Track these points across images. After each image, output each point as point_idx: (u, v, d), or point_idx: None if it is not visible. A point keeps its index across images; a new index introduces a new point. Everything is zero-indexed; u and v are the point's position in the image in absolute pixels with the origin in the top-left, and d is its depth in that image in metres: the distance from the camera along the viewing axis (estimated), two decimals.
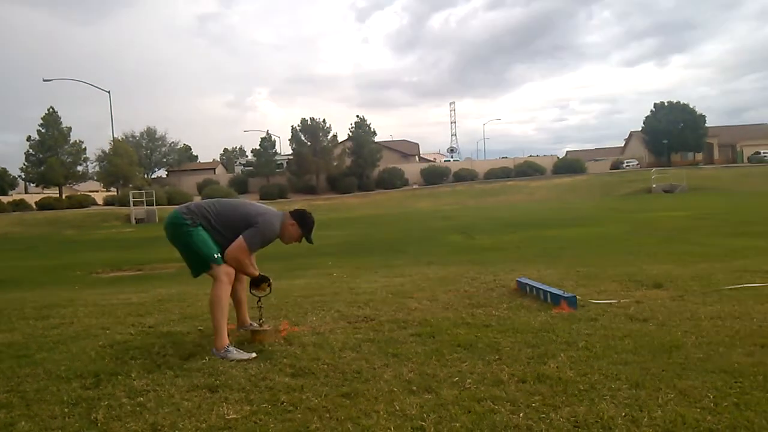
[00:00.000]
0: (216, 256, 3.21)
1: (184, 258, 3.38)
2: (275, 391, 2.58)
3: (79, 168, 43.50)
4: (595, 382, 2.49)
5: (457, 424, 2.13)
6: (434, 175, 49.32)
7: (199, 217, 3.30)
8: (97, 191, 49.13)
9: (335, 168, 48.81)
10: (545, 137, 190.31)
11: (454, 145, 77.91)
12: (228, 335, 3.23)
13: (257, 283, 3.50)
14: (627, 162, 53.11)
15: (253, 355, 3.10)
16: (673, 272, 5.48)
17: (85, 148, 43.61)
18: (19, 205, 36.40)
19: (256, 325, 3.68)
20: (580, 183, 41.18)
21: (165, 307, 4.77)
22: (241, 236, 3.25)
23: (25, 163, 42.46)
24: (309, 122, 49.29)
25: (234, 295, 3.55)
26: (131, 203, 31.76)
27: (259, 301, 3.52)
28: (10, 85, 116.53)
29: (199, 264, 3.28)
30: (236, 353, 3.10)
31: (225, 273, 3.20)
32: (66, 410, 2.44)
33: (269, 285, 3.53)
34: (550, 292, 4.17)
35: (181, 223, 3.29)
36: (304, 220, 3.44)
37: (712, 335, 3.16)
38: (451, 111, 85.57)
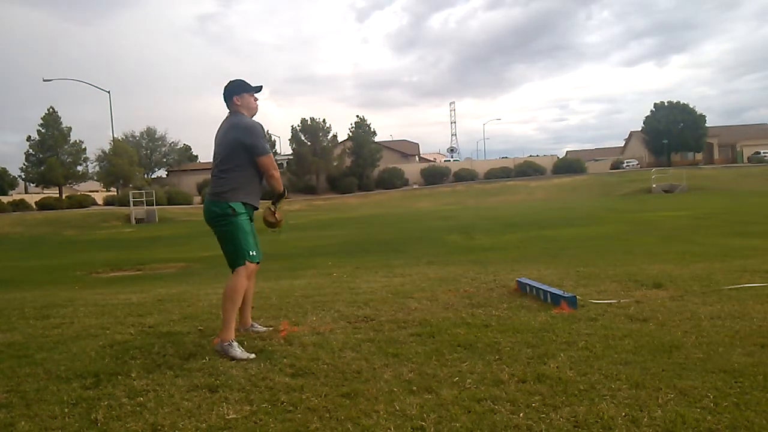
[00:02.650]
0: (251, 253, 3.27)
1: (222, 249, 3.39)
2: (275, 391, 2.58)
3: (79, 168, 43.49)
4: (595, 382, 2.49)
5: (457, 424, 2.13)
6: (434, 175, 49.33)
7: (232, 186, 3.27)
8: (97, 191, 49.13)
9: (335, 168, 48.82)
10: (545, 137, 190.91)
11: (454, 145, 77.93)
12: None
13: (278, 198, 3.50)
14: (627, 162, 53.14)
15: (252, 355, 3.11)
16: (673, 272, 5.48)
17: (85, 148, 43.66)
18: (19, 205, 36.39)
19: (258, 326, 3.69)
20: (580, 183, 41.18)
21: (165, 307, 4.77)
22: (257, 158, 3.27)
23: (25, 163, 42.47)
24: (309, 122, 49.30)
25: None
26: (131, 203, 31.75)
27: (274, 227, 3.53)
28: (10, 85, 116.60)
29: (234, 259, 3.30)
30: (238, 350, 3.10)
31: (244, 270, 3.25)
32: (66, 410, 2.44)
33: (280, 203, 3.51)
34: (550, 292, 4.17)
35: (224, 214, 3.27)
36: (238, 86, 3.41)
37: (712, 335, 3.16)
38: (451, 111, 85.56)
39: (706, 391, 2.35)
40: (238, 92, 3.40)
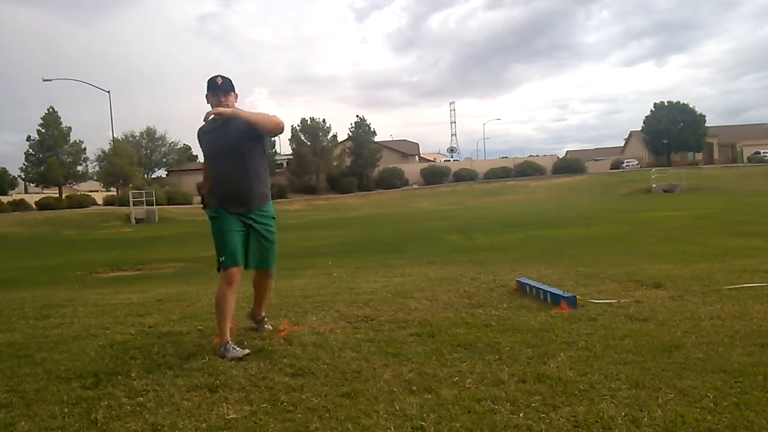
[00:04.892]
0: (220, 259, 3.23)
1: None
2: (275, 391, 2.58)
3: (79, 168, 43.47)
4: (595, 382, 2.49)
5: (457, 424, 2.13)
6: (434, 175, 49.34)
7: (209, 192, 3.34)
8: (97, 191, 49.11)
9: (335, 168, 48.84)
10: (545, 137, 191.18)
11: (454, 145, 77.83)
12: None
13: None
14: (627, 162, 53.12)
15: (247, 351, 3.10)
16: (673, 272, 5.48)
17: (85, 148, 43.62)
18: (19, 205, 36.37)
19: (267, 325, 3.71)
20: (580, 183, 41.19)
21: (165, 307, 4.77)
22: None
23: (25, 163, 42.45)
24: (309, 122, 49.32)
25: (255, 287, 3.62)
26: (131, 203, 31.75)
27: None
28: (10, 85, 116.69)
29: None
30: (232, 351, 3.10)
31: (223, 276, 3.22)
32: (66, 410, 2.44)
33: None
34: (550, 292, 4.17)
35: (209, 217, 3.34)
36: (207, 86, 3.29)
37: (712, 335, 3.16)
38: (450, 111, 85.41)
39: (706, 391, 2.35)
40: (207, 91, 3.31)
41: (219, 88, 3.24)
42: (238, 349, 3.12)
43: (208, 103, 3.29)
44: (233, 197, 3.28)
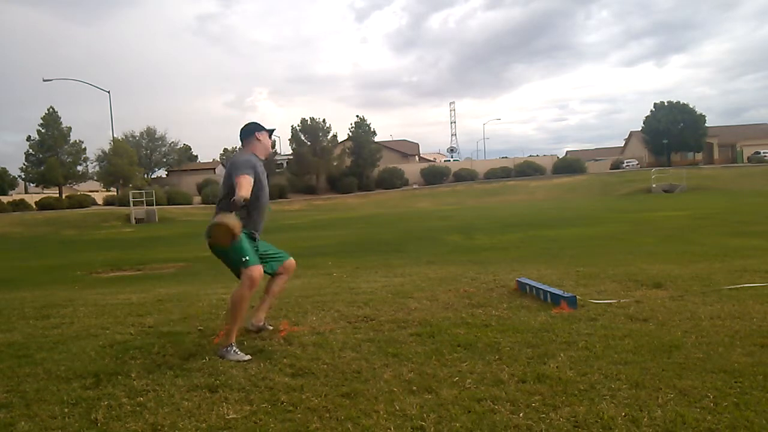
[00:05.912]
0: (244, 259, 3.25)
1: (227, 265, 3.44)
2: (275, 391, 2.58)
3: (79, 168, 43.46)
4: (595, 382, 2.49)
5: (457, 424, 2.13)
6: (434, 175, 49.33)
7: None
8: (97, 191, 49.10)
9: (335, 168, 48.81)
10: (545, 137, 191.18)
11: (454, 145, 77.84)
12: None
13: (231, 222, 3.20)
14: (627, 162, 53.11)
15: (248, 357, 3.10)
16: (673, 272, 5.48)
17: (85, 148, 43.58)
18: (19, 205, 36.35)
19: (270, 326, 3.70)
20: (579, 183, 41.19)
21: (165, 307, 4.77)
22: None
23: (25, 163, 42.44)
24: (309, 122, 49.30)
25: (268, 285, 3.66)
26: (131, 203, 31.73)
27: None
28: (10, 85, 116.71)
29: (235, 267, 3.33)
30: (233, 354, 3.10)
31: (248, 277, 3.22)
32: (66, 410, 2.44)
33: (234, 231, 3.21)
34: (550, 292, 4.17)
35: None
36: (254, 127, 3.58)
37: (712, 335, 3.16)
38: (450, 111, 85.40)
39: (706, 391, 2.35)
40: (256, 131, 3.56)
41: (270, 134, 3.69)
42: (240, 353, 3.13)
43: (264, 142, 3.62)
44: (259, 225, 3.52)
